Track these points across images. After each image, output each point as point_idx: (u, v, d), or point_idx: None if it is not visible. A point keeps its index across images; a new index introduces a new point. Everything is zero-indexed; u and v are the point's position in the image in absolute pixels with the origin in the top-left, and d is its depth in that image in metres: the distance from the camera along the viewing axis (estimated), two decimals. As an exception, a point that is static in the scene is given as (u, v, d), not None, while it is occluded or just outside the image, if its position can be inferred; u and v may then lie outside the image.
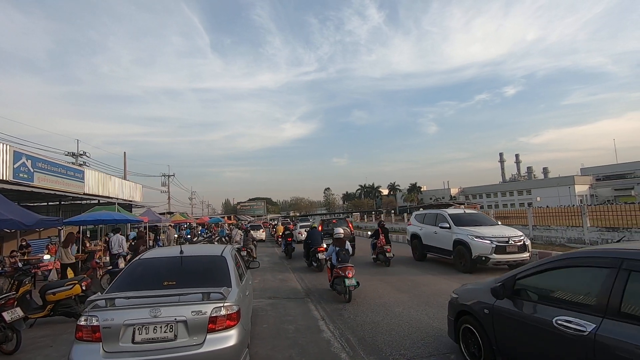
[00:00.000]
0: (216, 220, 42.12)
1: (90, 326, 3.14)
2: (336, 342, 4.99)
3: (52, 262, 10.34)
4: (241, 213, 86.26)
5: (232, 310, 3.42)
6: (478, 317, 3.76)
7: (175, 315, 3.22)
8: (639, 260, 2.47)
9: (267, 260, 15.18)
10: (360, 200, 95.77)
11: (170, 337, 3.19)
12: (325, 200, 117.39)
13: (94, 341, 3.11)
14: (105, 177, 20.28)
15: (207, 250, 5.55)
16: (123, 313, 3.20)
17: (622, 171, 72.81)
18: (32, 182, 12.88)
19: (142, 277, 4.03)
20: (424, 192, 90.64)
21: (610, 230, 11.59)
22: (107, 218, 12.55)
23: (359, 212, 61.19)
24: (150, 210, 24.61)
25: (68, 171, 15.92)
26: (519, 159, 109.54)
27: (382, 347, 4.71)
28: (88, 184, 17.50)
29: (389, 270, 10.79)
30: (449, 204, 40.88)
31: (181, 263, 4.18)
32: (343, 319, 6.05)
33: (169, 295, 3.37)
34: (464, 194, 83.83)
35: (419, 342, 4.81)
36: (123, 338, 3.13)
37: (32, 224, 8.24)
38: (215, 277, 4.01)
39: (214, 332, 3.28)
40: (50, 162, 14.51)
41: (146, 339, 3.16)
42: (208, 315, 3.28)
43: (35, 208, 18.96)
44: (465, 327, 4.02)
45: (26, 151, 13.00)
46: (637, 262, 2.47)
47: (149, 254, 4.74)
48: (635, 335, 2.22)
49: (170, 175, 42.30)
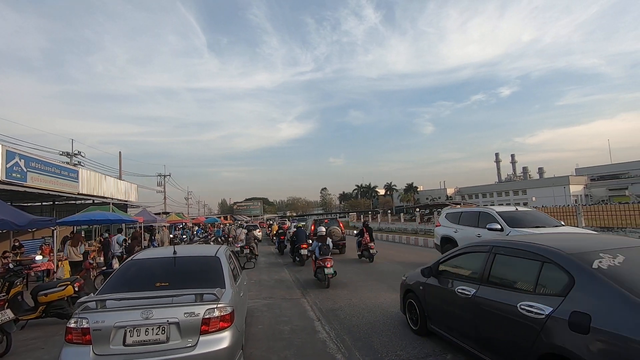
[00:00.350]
0: (212, 220, 41.94)
1: (80, 328, 3.08)
2: (332, 343, 4.95)
3: (45, 262, 10.20)
4: (238, 213, 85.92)
5: (225, 311, 3.38)
6: (416, 292, 5.07)
7: (168, 317, 3.17)
8: (501, 246, 3.76)
9: (262, 256, 16.69)
10: (357, 200, 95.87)
11: (162, 340, 3.13)
12: (322, 201, 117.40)
13: (84, 344, 3.05)
14: (100, 177, 20.12)
15: (201, 250, 5.49)
16: (114, 315, 3.15)
17: (617, 171, 73.39)
18: (25, 182, 12.73)
19: (134, 278, 3.98)
20: (421, 192, 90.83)
21: (605, 229, 11.66)
22: (102, 218, 12.41)
23: (355, 212, 61.24)
24: (146, 210, 24.40)
25: (62, 171, 15.75)
26: (514, 159, 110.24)
27: (378, 347, 4.69)
28: (82, 184, 17.34)
29: (386, 270, 10.78)
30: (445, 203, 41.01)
31: (174, 264, 4.13)
32: (339, 320, 6.02)
33: (162, 297, 3.32)
34: (460, 194, 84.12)
35: (415, 342, 4.79)
36: (114, 340, 3.08)
37: (25, 224, 8.15)
38: (209, 278, 3.96)
39: (207, 334, 3.24)
40: (44, 161, 14.35)
41: (138, 342, 3.10)
42: (201, 316, 3.23)
43: (29, 208, 18.77)
44: (409, 301, 5.30)
45: (19, 150, 12.84)
46: (499, 247, 3.76)
47: (142, 255, 4.68)
48: (496, 294, 3.47)
49: (166, 175, 42.01)
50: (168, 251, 4.43)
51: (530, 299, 3.05)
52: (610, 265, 2.82)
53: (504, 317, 3.27)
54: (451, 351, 4.37)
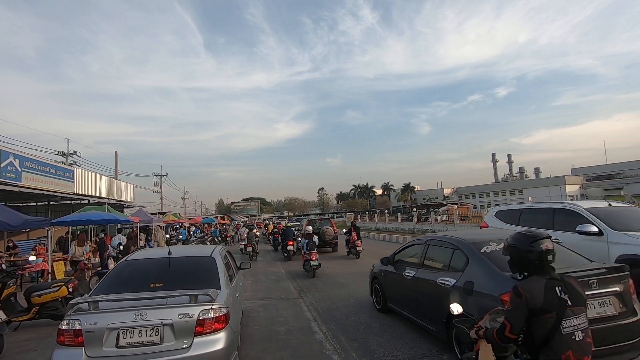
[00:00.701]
0: (209, 220, 41.74)
1: (72, 330, 3.04)
2: (328, 344, 4.93)
3: (39, 263, 10.11)
4: (235, 213, 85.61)
5: (220, 312, 3.35)
6: (379, 278, 6.25)
7: (162, 318, 3.14)
8: (432, 239, 5.12)
9: (259, 252, 17.63)
10: (354, 200, 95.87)
11: (156, 341, 3.10)
12: (319, 200, 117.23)
13: (76, 346, 3.02)
14: (96, 176, 19.98)
15: (196, 251, 5.45)
16: (107, 316, 3.11)
17: (612, 171, 73.91)
18: (20, 182, 12.61)
19: (128, 279, 3.93)
20: (418, 192, 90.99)
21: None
22: (97, 218, 12.30)
23: (352, 212, 61.26)
24: (142, 210, 24.26)
25: (57, 171, 15.63)
26: (511, 159, 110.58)
27: (374, 348, 4.67)
28: (78, 184, 17.20)
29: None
30: (442, 203, 41.11)
31: (169, 264, 4.09)
32: (335, 320, 6.00)
33: (156, 298, 3.28)
34: (457, 194, 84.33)
35: (411, 342, 4.78)
36: (107, 342, 3.04)
37: (19, 224, 8.08)
38: (204, 278, 3.93)
39: (202, 335, 3.20)
40: (38, 161, 14.23)
41: (131, 343, 3.07)
42: (195, 318, 3.20)
43: (24, 208, 18.60)
44: (375, 286, 6.51)
45: (14, 150, 12.73)
46: (431, 240, 5.11)
47: (136, 255, 4.64)
48: (427, 274, 4.71)
49: (163, 175, 41.85)
50: (163, 252, 4.39)
51: (445, 275, 4.32)
52: (493, 250, 3.99)
53: (431, 290, 4.50)
54: (447, 351, 4.35)
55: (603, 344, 3.02)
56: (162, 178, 41.42)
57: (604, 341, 3.04)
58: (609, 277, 3.36)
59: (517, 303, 2.08)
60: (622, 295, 3.35)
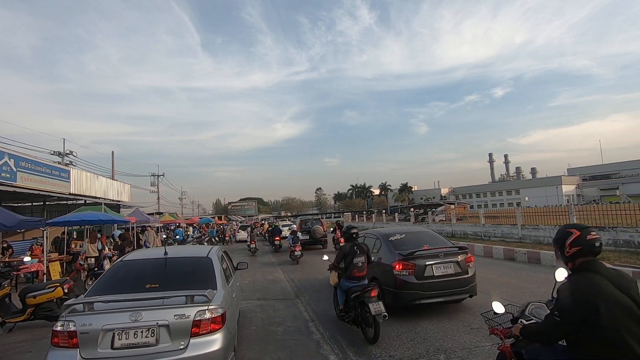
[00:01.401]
0: (206, 220, 41.58)
1: (67, 331, 3.00)
2: (325, 344, 4.93)
3: (34, 263, 10.02)
4: (232, 213, 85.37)
5: (216, 313, 3.33)
6: None
7: (157, 319, 3.11)
8: (381, 235, 6.86)
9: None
10: (352, 200, 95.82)
11: (151, 342, 3.07)
12: (316, 200, 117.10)
13: (70, 347, 2.99)
14: (92, 176, 19.86)
15: (192, 251, 5.42)
16: (102, 317, 3.08)
17: (608, 171, 74.46)
18: (15, 182, 12.51)
19: (124, 280, 3.90)
20: (415, 192, 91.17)
21: (597, 229, 11.74)
22: (93, 218, 12.21)
23: (350, 212, 61.28)
24: (139, 210, 24.13)
25: (53, 171, 15.52)
26: (507, 159, 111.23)
27: (371, 348, 4.66)
28: (74, 184, 17.09)
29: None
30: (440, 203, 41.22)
31: (165, 265, 4.06)
32: (333, 321, 5.99)
33: (151, 299, 3.25)
34: (454, 194, 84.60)
35: (408, 343, 4.78)
36: (102, 344, 3.01)
37: (13, 225, 8.02)
38: (200, 279, 3.90)
39: (198, 336, 3.18)
40: (34, 161, 14.13)
41: (126, 345, 3.04)
42: (191, 318, 3.18)
43: (19, 209, 18.50)
44: None
45: (9, 150, 12.62)
46: (381, 235, 6.86)
47: (132, 256, 4.60)
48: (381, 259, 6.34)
49: (160, 175, 41.72)
50: (159, 252, 4.37)
51: (375, 255, 6.39)
52: (397, 238, 6.46)
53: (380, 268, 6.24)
54: (444, 352, 4.36)
55: (446, 289, 5.67)
56: (159, 178, 41.31)
57: (447, 288, 5.67)
58: (454, 252, 5.97)
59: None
60: (459, 263, 5.84)
